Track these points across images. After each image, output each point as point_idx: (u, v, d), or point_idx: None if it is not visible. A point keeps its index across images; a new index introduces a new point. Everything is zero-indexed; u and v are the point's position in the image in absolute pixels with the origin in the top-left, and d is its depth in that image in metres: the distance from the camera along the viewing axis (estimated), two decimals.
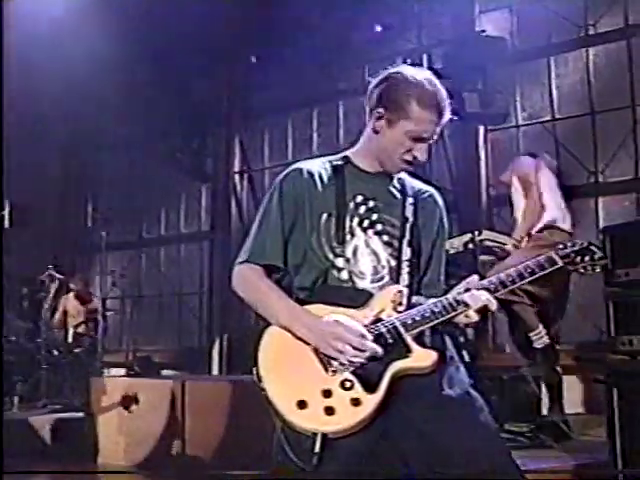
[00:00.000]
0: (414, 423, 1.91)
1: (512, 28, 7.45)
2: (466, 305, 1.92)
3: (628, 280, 3.32)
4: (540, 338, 4.31)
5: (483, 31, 6.75)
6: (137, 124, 9.09)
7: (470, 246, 4.21)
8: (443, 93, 2.00)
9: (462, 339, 4.91)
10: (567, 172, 6.98)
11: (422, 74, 2.02)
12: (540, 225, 4.43)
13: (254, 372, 1.91)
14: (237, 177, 9.16)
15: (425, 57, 6.59)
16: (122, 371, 7.56)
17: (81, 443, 4.59)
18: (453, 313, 1.93)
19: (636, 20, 6.81)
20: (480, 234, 4.24)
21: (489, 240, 4.29)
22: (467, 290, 1.93)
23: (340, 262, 2.00)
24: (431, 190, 2.18)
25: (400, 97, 1.98)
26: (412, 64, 2.09)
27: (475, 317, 1.92)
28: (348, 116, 8.30)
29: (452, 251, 4.40)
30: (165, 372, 8.48)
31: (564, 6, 7.17)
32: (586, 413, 4.59)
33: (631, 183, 6.79)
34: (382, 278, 2.01)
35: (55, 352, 7.02)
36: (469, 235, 4.24)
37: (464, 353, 4.63)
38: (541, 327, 4.34)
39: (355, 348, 1.85)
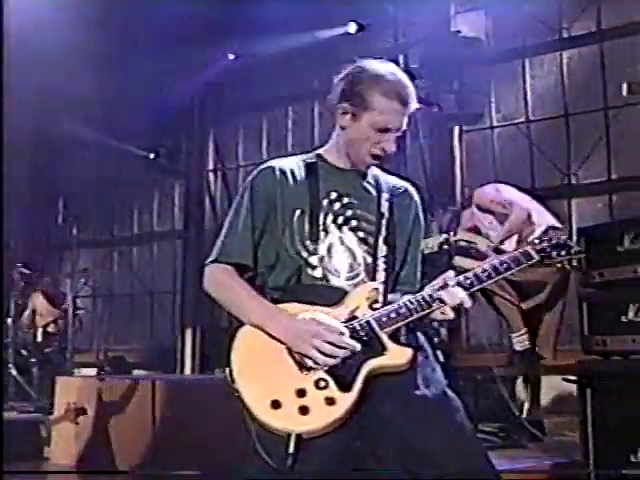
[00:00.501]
0: (389, 422, 1.89)
1: (488, 29, 7.48)
2: (442, 301, 1.90)
3: (602, 281, 3.35)
4: (521, 341, 4.31)
5: (459, 32, 6.78)
6: (110, 121, 8.98)
7: (445, 247, 4.20)
8: (406, 83, 2.00)
9: (436, 339, 4.94)
10: (541, 174, 7.07)
11: (384, 66, 2.01)
12: (541, 229, 4.38)
13: (226, 373, 1.87)
14: (211, 175, 9.09)
15: (401, 57, 6.60)
16: (93, 371, 7.45)
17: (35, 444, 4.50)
18: (428, 310, 1.91)
19: (608, 24, 6.89)
20: (455, 234, 4.24)
21: (464, 241, 4.30)
22: (443, 286, 1.91)
23: (314, 260, 1.97)
24: (406, 185, 2.17)
25: (362, 90, 1.97)
26: (374, 58, 2.07)
27: (451, 314, 1.91)
28: (323, 115, 8.28)
29: (427, 251, 4.39)
30: (137, 372, 8.38)
31: (539, 9, 7.22)
32: (562, 413, 4.62)
33: (604, 185, 6.85)
34: (357, 275, 1.99)
35: (24, 352, 6.91)
36: (444, 235, 4.24)
37: (439, 353, 4.68)
38: (524, 330, 4.33)
39: (334, 345, 1.82)
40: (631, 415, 3.03)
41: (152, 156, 8.87)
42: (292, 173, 2.03)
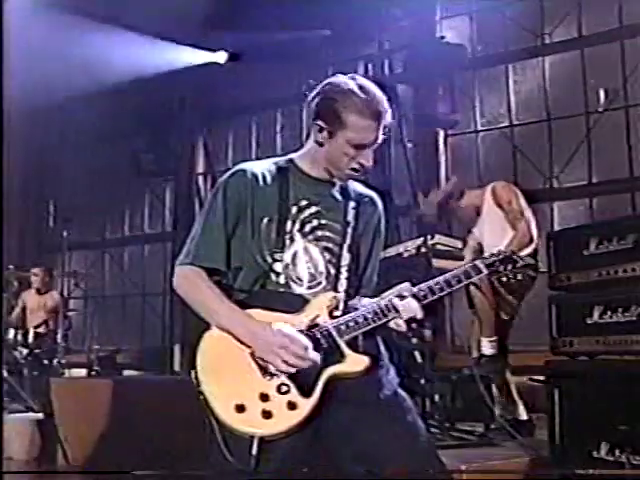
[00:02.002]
0: (343, 423, 1.97)
1: (472, 35, 7.60)
2: (397, 311, 1.97)
3: (570, 284, 3.46)
4: (492, 347, 4.40)
5: (443, 37, 6.87)
6: (100, 123, 9.04)
7: (423, 250, 4.27)
8: (378, 97, 2.01)
9: (419, 340, 5.02)
10: (524, 177, 7.18)
11: (353, 82, 2.02)
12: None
13: (192, 375, 1.94)
14: (201, 178, 9.18)
15: (386, 62, 6.70)
16: (83, 372, 7.52)
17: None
18: (384, 319, 1.97)
19: (589, 31, 7.01)
20: (433, 238, 4.30)
21: (441, 244, 4.36)
22: (399, 297, 1.98)
23: (278, 267, 2.02)
24: (371, 194, 2.22)
25: (334, 108, 1.99)
26: (344, 73, 2.09)
27: (403, 327, 1.98)
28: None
29: (406, 254, 4.47)
30: (127, 372, 8.46)
31: (522, 15, 7.34)
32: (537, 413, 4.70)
33: (585, 188, 6.97)
34: (319, 284, 2.05)
35: (16, 353, 6.97)
36: (422, 239, 4.31)
37: (416, 353, 4.77)
38: (495, 337, 4.42)
39: (297, 357, 1.89)
40: (595, 413, 3.13)
41: (144, 159, 8.92)
42: (264, 178, 2.05)
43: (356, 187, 2.19)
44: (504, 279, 4.13)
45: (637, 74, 6.66)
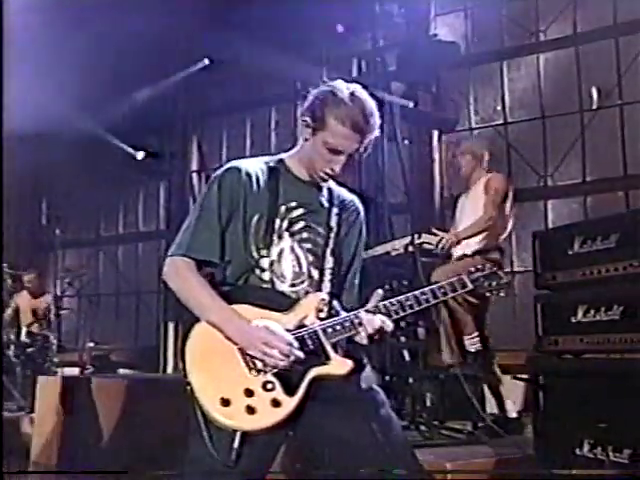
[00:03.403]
0: (316, 418, 2.03)
1: (467, 31, 7.65)
2: (361, 324, 2.05)
3: (555, 283, 3.51)
4: (474, 343, 4.49)
5: (435, 35, 6.92)
6: (94, 121, 9.09)
7: (410, 249, 4.35)
8: (367, 111, 2.07)
9: (413, 339, 5.08)
10: (518, 175, 7.24)
11: (347, 91, 2.10)
12: (490, 246, 4.52)
13: (180, 366, 2.00)
14: (195, 176, 9.24)
15: (379, 59, 6.74)
16: (76, 370, 7.58)
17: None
18: (354, 331, 2.05)
19: (584, 28, 7.06)
20: (420, 237, 4.37)
21: (427, 243, 4.43)
22: (372, 309, 2.06)
23: (264, 263, 2.10)
24: (354, 199, 2.30)
25: (321, 109, 2.08)
26: (346, 80, 2.17)
27: (364, 341, 2.05)
28: None
29: (394, 253, 4.55)
30: (122, 371, 8.51)
31: (517, 12, 7.40)
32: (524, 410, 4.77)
33: (579, 186, 7.02)
34: (302, 282, 2.13)
35: (9, 352, 7.02)
36: (409, 238, 4.38)
37: (405, 352, 4.85)
38: (476, 333, 4.50)
39: (282, 354, 1.97)
40: (578, 411, 3.20)
41: (139, 156, 8.97)
42: (256, 177, 2.12)
43: (340, 192, 2.28)
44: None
45: (632, 72, 6.72)
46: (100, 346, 8.39)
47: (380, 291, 2.09)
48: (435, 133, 7.64)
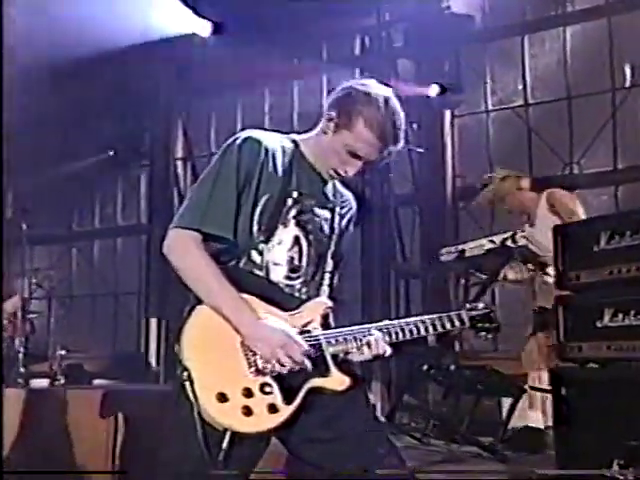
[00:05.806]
0: (308, 420, 2.11)
1: (483, 3, 7.63)
2: (369, 344, 2.15)
3: (579, 283, 3.51)
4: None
5: (448, 7, 6.92)
6: (67, 102, 9.08)
7: (508, 243, 4.53)
8: (397, 121, 2.18)
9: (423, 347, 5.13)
10: (540, 162, 7.24)
11: (382, 97, 2.19)
12: None
13: (176, 349, 2.04)
14: (179, 164, 9.24)
15: (384, 34, 6.75)
16: (45, 382, 7.58)
17: None
18: (355, 348, 2.15)
19: None
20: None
21: (525, 239, 4.57)
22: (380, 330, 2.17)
23: (262, 247, 2.17)
24: (349, 196, 2.42)
25: (351, 109, 2.18)
26: (382, 82, 2.27)
27: (361, 358, 2.16)
28: (303, 97, 8.43)
29: (489, 246, 4.72)
30: (97, 382, 8.51)
31: None
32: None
33: (609, 175, 7.02)
34: (298, 278, 2.22)
35: None
36: (510, 232, 4.61)
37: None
38: None
39: (295, 362, 2.05)
40: (607, 426, 3.20)
41: (111, 153, 9.01)
42: (273, 155, 2.19)
43: (340, 188, 2.38)
44: None
45: None
46: (73, 354, 8.40)
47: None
48: (447, 116, 7.63)
